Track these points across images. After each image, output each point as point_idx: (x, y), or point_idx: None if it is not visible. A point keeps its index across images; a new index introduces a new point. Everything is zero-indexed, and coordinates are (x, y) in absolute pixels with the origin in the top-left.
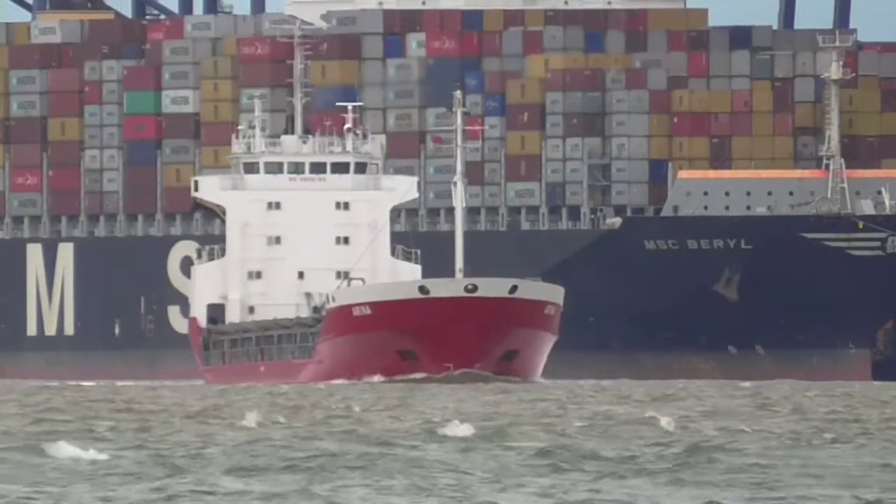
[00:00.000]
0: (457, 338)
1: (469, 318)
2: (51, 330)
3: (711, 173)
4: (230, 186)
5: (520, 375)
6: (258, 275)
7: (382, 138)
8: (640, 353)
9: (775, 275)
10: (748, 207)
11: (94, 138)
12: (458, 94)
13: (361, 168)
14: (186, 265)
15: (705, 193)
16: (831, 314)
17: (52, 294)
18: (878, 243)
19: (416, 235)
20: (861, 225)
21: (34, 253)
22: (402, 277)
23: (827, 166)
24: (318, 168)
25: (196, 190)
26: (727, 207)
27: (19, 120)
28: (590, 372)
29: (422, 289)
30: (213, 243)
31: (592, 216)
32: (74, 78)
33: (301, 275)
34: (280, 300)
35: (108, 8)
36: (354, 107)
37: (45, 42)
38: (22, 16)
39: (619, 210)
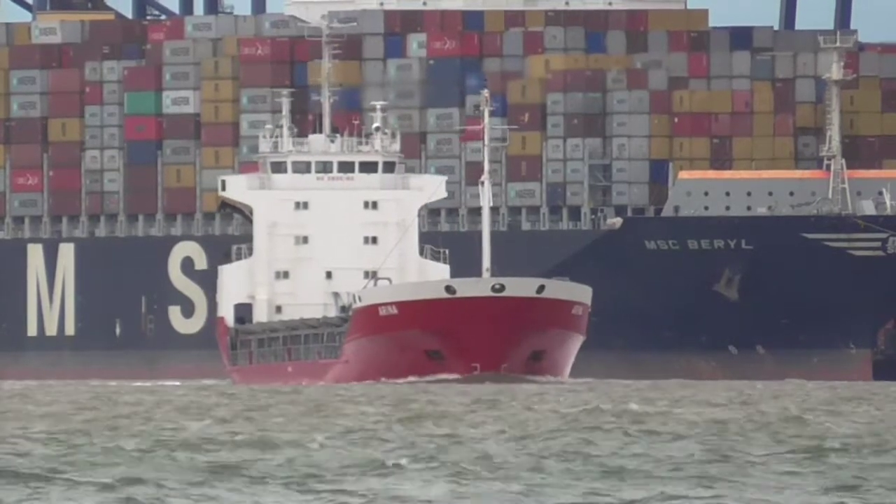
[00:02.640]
0: (484, 338)
1: (496, 318)
2: (51, 330)
3: (712, 173)
4: (257, 186)
5: (547, 376)
6: (286, 274)
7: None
8: (641, 353)
9: (776, 275)
10: (749, 208)
11: (95, 139)
12: (485, 92)
13: (390, 167)
14: (187, 265)
15: (706, 194)
16: (832, 314)
17: (52, 294)
18: (878, 244)
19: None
20: (863, 225)
21: (35, 253)
22: (430, 277)
23: (828, 167)
24: (346, 167)
25: (223, 189)
26: (728, 208)
27: (20, 120)
28: (589, 371)
29: (448, 288)
30: (214, 243)
31: (593, 216)
32: (75, 78)
33: (329, 274)
34: (308, 300)
35: (109, 8)
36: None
37: (46, 42)
38: (22, 16)
39: (619, 210)
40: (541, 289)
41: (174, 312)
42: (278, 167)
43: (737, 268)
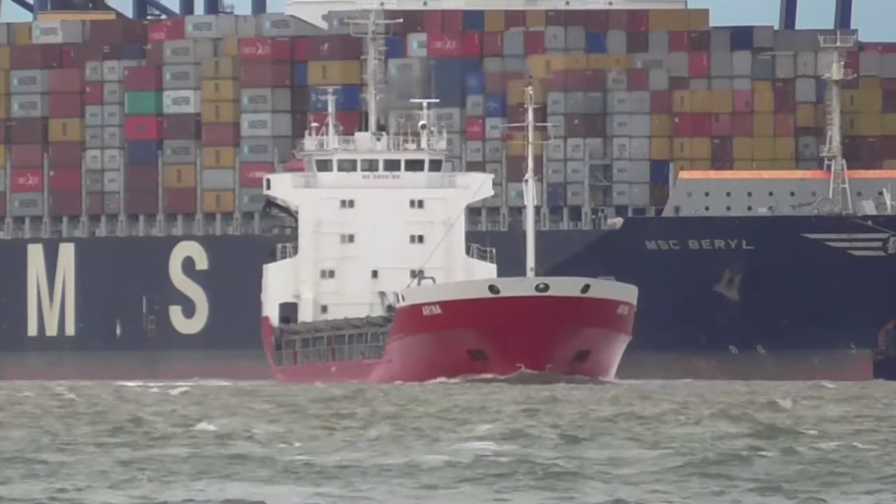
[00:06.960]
0: (528, 338)
1: (540, 317)
2: (52, 330)
3: (713, 174)
4: (303, 184)
5: (592, 376)
6: (331, 274)
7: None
8: (641, 353)
9: (777, 275)
10: (749, 208)
11: (96, 138)
12: (529, 89)
13: (436, 165)
14: (188, 265)
15: (706, 194)
16: (832, 314)
17: (53, 294)
18: (879, 244)
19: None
20: (870, 222)
21: (35, 253)
22: (476, 276)
23: (828, 167)
24: (392, 165)
25: (268, 188)
26: (728, 208)
27: (20, 120)
28: None
29: (492, 288)
30: (214, 244)
31: (594, 216)
32: (75, 78)
33: (375, 273)
34: (353, 299)
35: (110, 8)
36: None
37: (47, 42)
38: (23, 16)
39: (620, 210)
40: (585, 288)
41: (175, 312)
42: (324, 165)
43: (737, 268)
